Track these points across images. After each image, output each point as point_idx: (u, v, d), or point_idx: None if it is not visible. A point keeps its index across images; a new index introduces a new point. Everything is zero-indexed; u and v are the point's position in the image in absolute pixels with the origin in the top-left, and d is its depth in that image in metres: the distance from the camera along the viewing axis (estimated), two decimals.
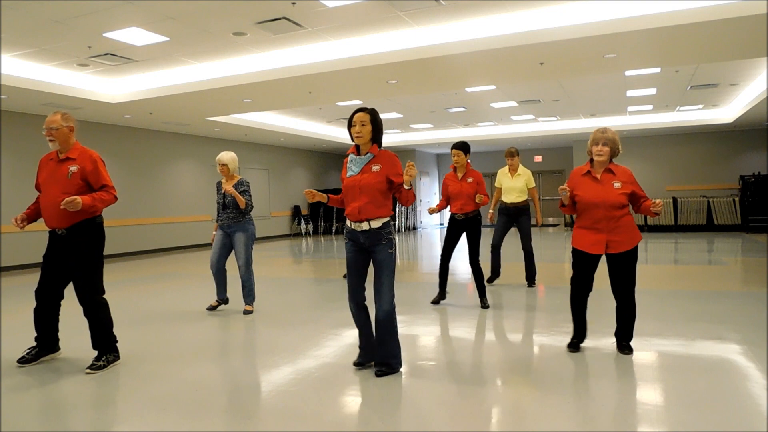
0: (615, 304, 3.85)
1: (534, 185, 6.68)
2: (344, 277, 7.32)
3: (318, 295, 6.71)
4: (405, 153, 19.43)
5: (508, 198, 6.55)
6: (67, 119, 3.64)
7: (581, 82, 10.11)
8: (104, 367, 3.64)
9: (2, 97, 8.60)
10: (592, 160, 3.73)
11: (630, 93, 11.22)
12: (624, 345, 3.76)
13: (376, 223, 3.25)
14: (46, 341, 3.85)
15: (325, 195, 3.45)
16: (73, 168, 3.57)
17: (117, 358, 3.78)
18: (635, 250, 3.64)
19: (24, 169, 9.85)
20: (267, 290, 7.07)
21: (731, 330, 4.28)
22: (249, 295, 5.47)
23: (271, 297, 6.48)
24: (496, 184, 6.73)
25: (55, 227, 3.61)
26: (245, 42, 7.22)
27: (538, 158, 19.49)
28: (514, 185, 6.51)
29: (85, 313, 3.67)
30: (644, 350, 3.84)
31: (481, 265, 5.43)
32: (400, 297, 6.04)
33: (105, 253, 3.68)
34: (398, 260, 10.48)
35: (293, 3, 5.88)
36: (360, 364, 3.55)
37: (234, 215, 5.35)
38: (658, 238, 13.26)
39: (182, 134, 13.48)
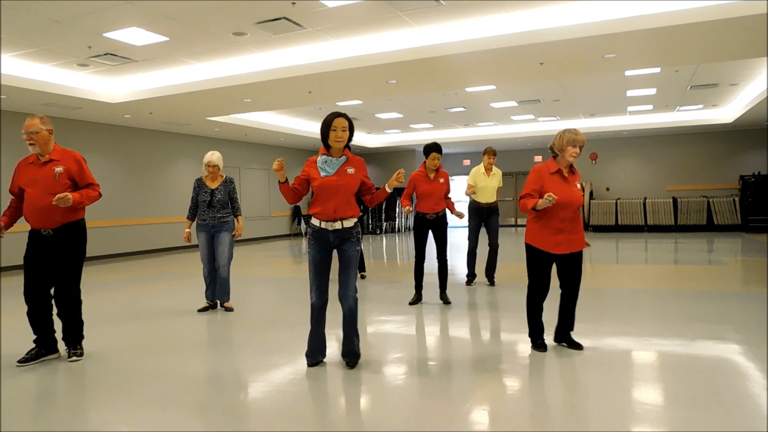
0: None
1: (501, 185, 6.74)
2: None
3: None
4: (405, 153, 19.43)
5: (483, 198, 6.54)
6: (45, 122, 3.70)
7: (581, 82, 10.11)
8: (82, 353, 3.88)
9: (2, 97, 8.59)
10: (555, 156, 3.71)
11: (630, 93, 11.22)
12: (573, 341, 3.86)
13: (348, 223, 3.41)
14: (45, 341, 3.88)
15: (285, 176, 3.49)
16: (59, 169, 3.65)
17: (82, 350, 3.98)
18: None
19: None
20: (267, 290, 7.08)
21: (731, 330, 4.28)
22: (227, 293, 5.51)
23: (271, 297, 6.48)
24: (470, 182, 6.65)
25: (43, 228, 3.68)
26: (245, 42, 7.22)
27: (538, 158, 19.46)
28: (489, 184, 6.53)
29: (63, 311, 3.79)
30: (644, 350, 3.84)
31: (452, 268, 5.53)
32: (398, 297, 6.05)
33: (105, 253, 3.75)
34: (396, 260, 10.48)
35: (293, 3, 5.88)
36: (316, 364, 3.62)
37: (222, 215, 5.38)
38: (658, 238, 13.26)
39: (182, 134, 13.47)
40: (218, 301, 5.66)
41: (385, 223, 18.32)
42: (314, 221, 3.46)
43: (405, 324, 4.88)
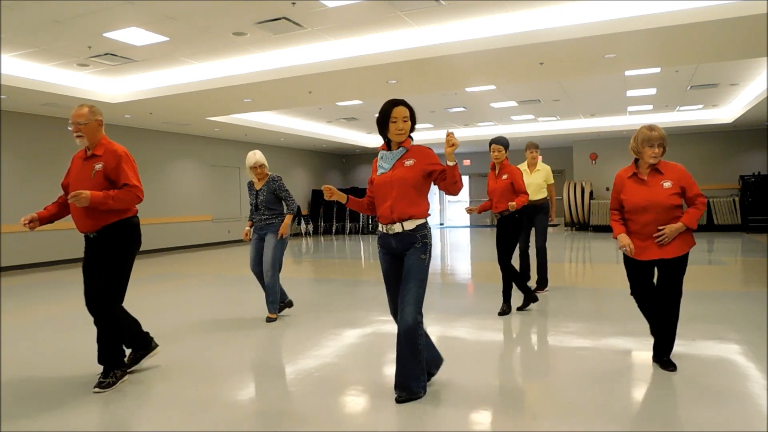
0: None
1: (553, 182, 6.28)
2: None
3: (318, 295, 6.70)
4: None
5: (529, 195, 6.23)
6: (94, 112, 3.33)
7: (581, 82, 10.11)
8: (113, 384, 3.29)
9: (2, 97, 8.59)
10: (637, 160, 3.43)
11: (630, 93, 11.22)
12: (665, 360, 3.42)
13: (409, 225, 2.91)
14: (135, 343, 3.56)
15: (344, 195, 3.10)
16: (98, 166, 3.26)
17: (125, 373, 3.42)
18: (686, 256, 3.32)
19: (24, 169, 9.86)
20: None
21: (731, 330, 4.28)
22: (273, 302, 5.01)
23: None
24: None
25: (85, 231, 3.31)
26: (245, 42, 7.22)
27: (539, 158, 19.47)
28: (532, 181, 6.11)
29: (97, 322, 3.38)
30: (644, 350, 3.83)
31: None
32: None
33: None
34: None
35: (293, 3, 5.88)
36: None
37: (267, 216, 5.00)
38: None
39: (182, 134, 13.48)
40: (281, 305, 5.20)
41: None
42: (379, 226, 3.04)
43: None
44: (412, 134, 3.00)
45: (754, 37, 6.36)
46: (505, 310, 5.04)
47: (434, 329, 4.72)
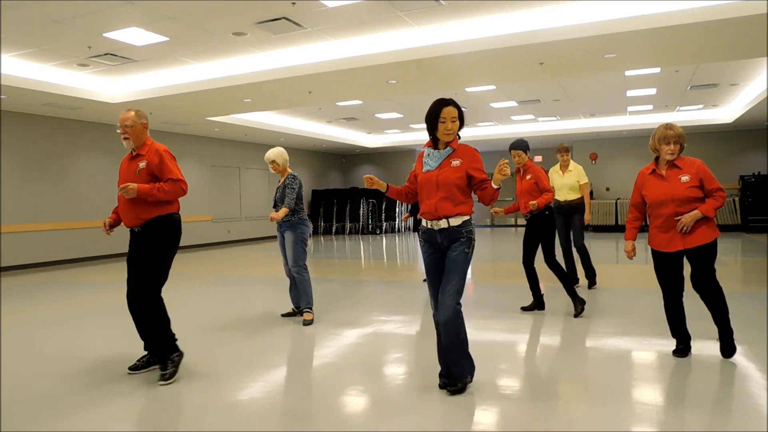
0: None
1: (586, 181, 6.29)
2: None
3: (318, 295, 6.69)
4: (405, 153, 19.43)
5: (561, 196, 6.23)
6: (140, 116, 3.54)
7: (581, 82, 10.11)
8: (175, 372, 3.38)
9: (2, 97, 8.59)
10: (657, 158, 3.55)
11: (630, 93, 11.22)
12: (726, 348, 3.52)
13: (455, 221, 2.99)
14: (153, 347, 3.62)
15: (384, 184, 3.24)
16: (142, 164, 3.47)
17: (181, 355, 3.51)
18: (712, 246, 3.42)
19: (24, 169, 9.86)
20: (267, 290, 7.08)
21: None
22: (306, 298, 5.03)
23: (271, 297, 6.48)
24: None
25: (131, 226, 3.50)
26: (245, 42, 7.22)
27: (538, 158, 19.43)
28: (564, 182, 6.21)
29: (141, 314, 3.53)
30: (644, 350, 3.83)
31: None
32: (398, 297, 6.03)
33: (105, 253, 3.51)
34: (396, 260, 10.43)
35: (293, 3, 5.88)
36: (445, 386, 3.11)
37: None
38: None
39: (182, 134, 13.48)
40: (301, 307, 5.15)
41: (385, 223, 18.32)
42: (423, 221, 3.12)
43: (405, 324, 4.88)
44: (459, 133, 3.07)
45: (754, 37, 6.36)
46: (531, 307, 5.15)
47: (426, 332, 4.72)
